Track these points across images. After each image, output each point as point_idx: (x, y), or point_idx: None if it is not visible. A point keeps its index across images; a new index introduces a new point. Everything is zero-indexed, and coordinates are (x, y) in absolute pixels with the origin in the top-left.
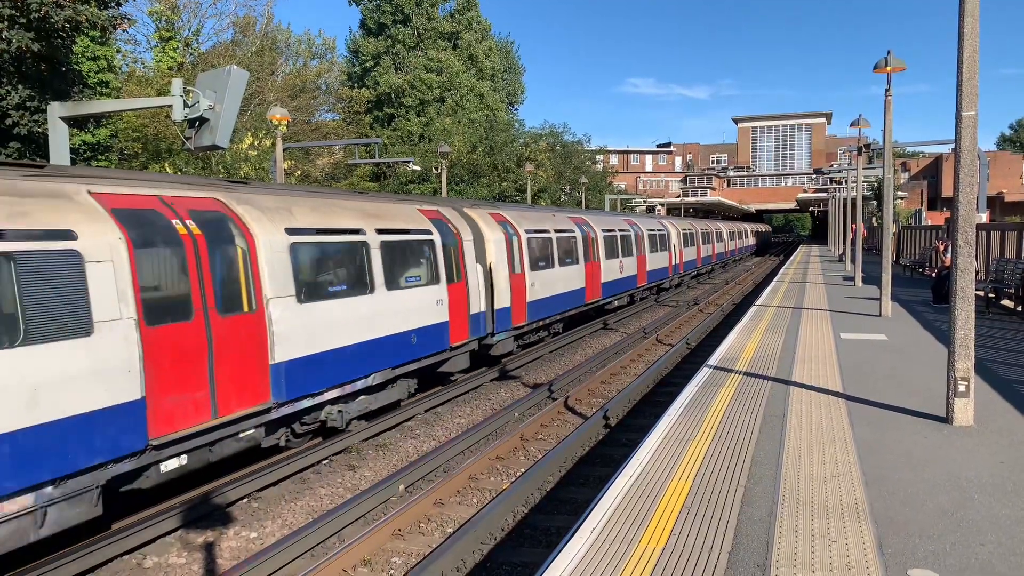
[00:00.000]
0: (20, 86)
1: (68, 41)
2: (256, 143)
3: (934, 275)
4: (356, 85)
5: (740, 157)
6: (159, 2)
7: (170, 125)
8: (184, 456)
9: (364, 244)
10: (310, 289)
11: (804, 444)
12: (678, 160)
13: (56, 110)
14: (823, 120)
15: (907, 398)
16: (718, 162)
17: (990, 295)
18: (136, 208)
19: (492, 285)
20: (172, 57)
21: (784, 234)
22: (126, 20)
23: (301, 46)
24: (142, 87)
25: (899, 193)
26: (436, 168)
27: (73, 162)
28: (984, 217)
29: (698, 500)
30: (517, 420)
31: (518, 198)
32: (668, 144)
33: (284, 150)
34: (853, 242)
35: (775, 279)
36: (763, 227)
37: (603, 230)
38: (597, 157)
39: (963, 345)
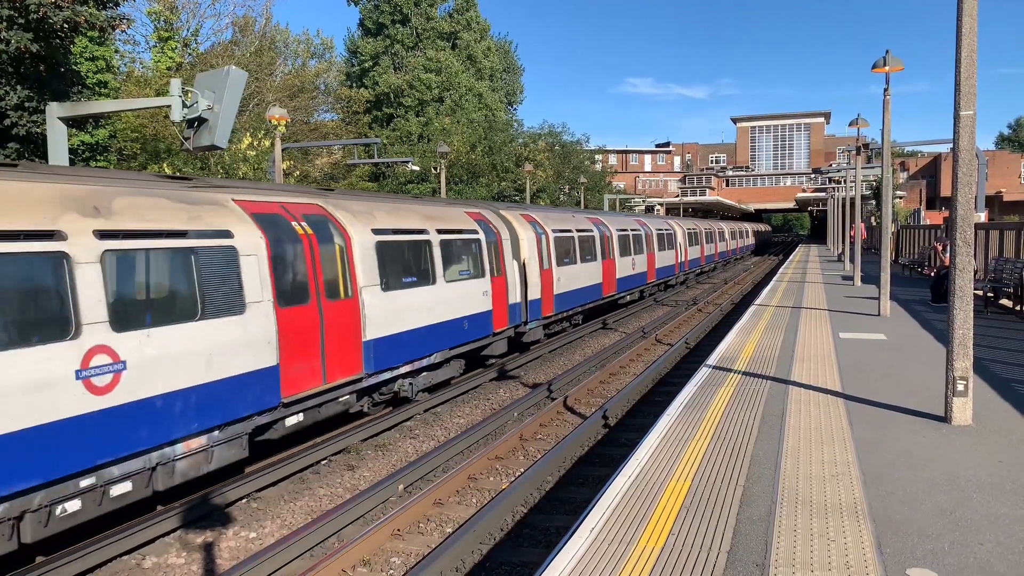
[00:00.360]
0: (19, 87)
1: (67, 41)
2: (255, 143)
3: (933, 274)
4: (355, 85)
5: (739, 157)
6: (158, 2)
7: (169, 125)
8: (301, 414)
9: (428, 242)
10: (390, 280)
11: (803, 443)
12: (677, 160)
13: (55, 110)
14: (822, 120)
15: (906, 397)
16: (717, 162)
17: (989, 294)
18: (267, 212)
19: (525, 279)
20: (171, 57)
21: (783, 234)
22: (125, 20)
23: (300, 46)
24: (140, 87)
25: (898, 193)
26: (435, 168)
27: (72, 162)
28: (983, 216)
29: (697, 499)
30: (516, 420)
31: (517, 198)
32: (667, 144)
33: (283, 150)
34: (854, 241)
35: (774, 278)
36: (763, 227)
37: (617, 230)
38: (596, 157)
39: (962, 344)
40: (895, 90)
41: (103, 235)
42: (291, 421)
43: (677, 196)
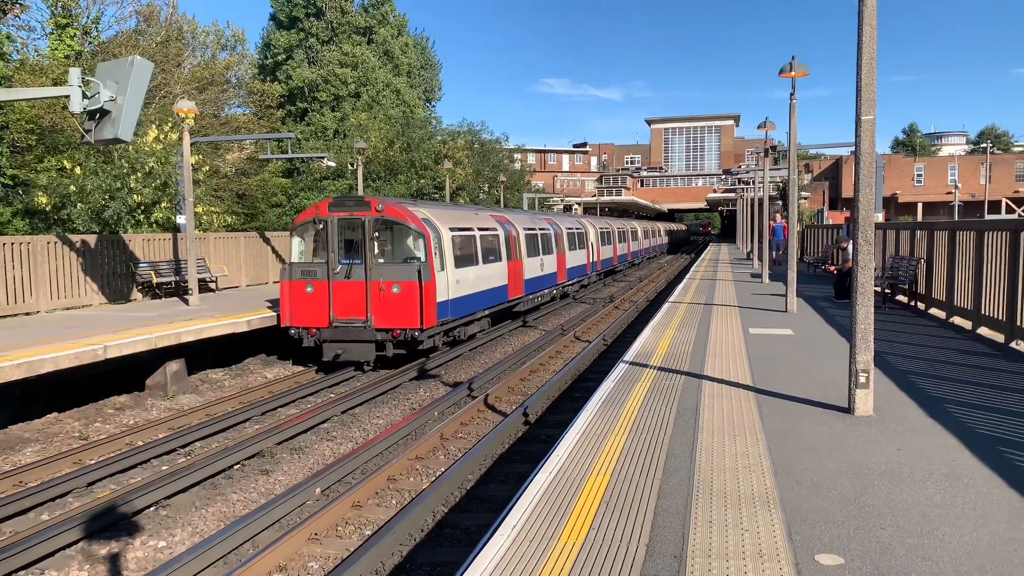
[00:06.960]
0: None
1: None
2: (162, 136)
3: (835, 272)
4: (268, 79)
5: (653, 158)
6: None
7: (68, 117)
8: (535, 298)
9: (548, 234)
10: (529, 252)
11: (716, 437)
12: (594, 160)
13: None
14: (732, 122)
15: (812, 389)
16: (632, 162)
17: (887, 291)
18: (498, 220)
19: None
20: (69, 45)
21: (696, 234)
22: (18, 5)
23: (209, 37)
24: (36, 76)
25: (802, 193)
26: (352, 164)
27: None
28: (880, 217)
29: (616, 494)
30: (437, 419)
31: (436, 196)
32: (584, 144)
33: (192, 144)
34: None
35: (687, 276)
36: (682, 226)
37: (611, 228)
38: (515, 156)
39: (863, 338)
40: (800, 94)
41: (454, 230)
42: (520, 308)
43: (594, 196)
